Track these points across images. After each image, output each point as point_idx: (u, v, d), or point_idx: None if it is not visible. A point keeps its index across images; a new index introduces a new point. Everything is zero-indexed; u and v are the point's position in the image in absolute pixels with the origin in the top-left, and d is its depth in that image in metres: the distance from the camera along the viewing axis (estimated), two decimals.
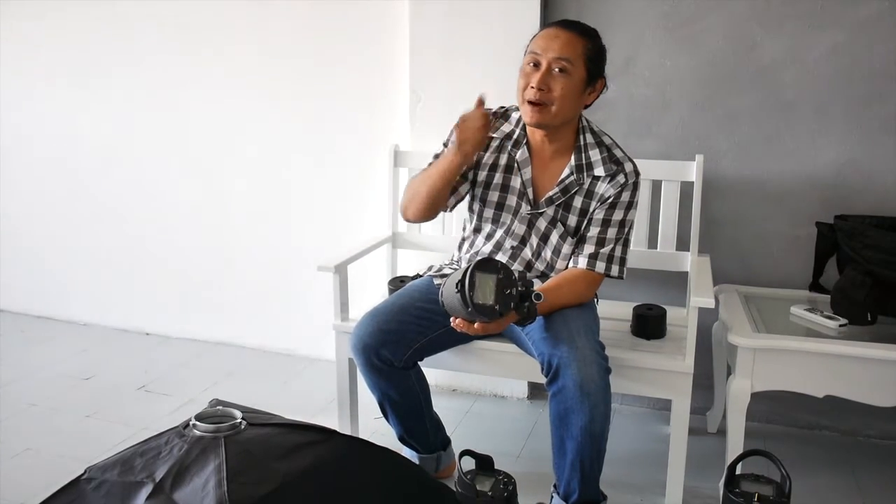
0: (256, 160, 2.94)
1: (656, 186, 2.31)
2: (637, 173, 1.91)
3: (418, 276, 2.19)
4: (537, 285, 1.85)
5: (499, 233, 1.99)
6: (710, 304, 1.87)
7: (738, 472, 1.79)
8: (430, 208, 1.96)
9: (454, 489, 1.71)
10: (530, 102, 1.82)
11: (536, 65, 1.82)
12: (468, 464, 1.81)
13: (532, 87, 1.81)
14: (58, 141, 3.23)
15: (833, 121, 2.28)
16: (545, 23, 2.30)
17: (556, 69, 1.80)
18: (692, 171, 2.26)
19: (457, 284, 1.65)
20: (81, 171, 3.22)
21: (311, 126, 2.83)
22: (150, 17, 2.94)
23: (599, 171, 1.89)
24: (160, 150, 3.07)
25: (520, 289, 1.68)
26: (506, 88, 1.97)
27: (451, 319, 1.75)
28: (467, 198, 2.04)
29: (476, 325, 1.71)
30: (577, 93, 1.83)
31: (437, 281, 2.04)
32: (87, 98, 3.13)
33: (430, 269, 2.17)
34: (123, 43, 3.01)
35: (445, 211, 2.03)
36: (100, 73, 3.08)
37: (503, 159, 1.97)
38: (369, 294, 2.39)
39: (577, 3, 2.40)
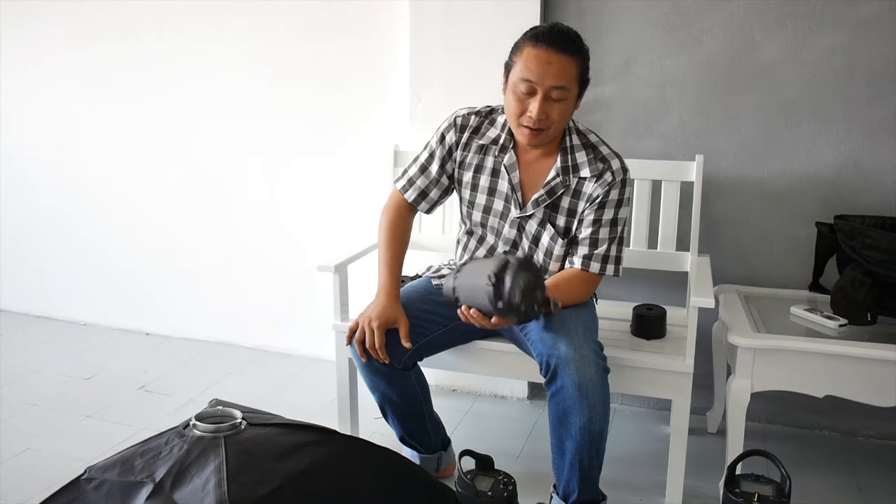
0: (256, 160, 2.94)
1: (656, 186, 2.31)
2: (625, 170, 1.89)
3: (417, 276, 2.19)
4: None
5: (490, 237, 1.99)
6: (710, 304, 1.87)
7: (738, 472, 1.79)
8: None
9: (454, 489, 1.71)
10: (527, 127, 1.80)
11: (531, 92, 1.77)
12: (468, 464, 1.81)
13: (530, 116, 1.77)
14: (58, 141, 3.23)
15: (833, 121, 2.28)
16: (545, 21, 2.29)
17: (553, 97, 1.76)
18: (692, 171, 2.26)
19: (489, 277, 1.58)
20: (81, 171, 3.22)
21: (310, 126, 2.83)
22: (150, 17, 2.95)
23: (585, 172, 1.87)
24: (160, 150, 3.08)
25: (544, 293, 1.63)
26: None
27: (460, 310, 1.71)
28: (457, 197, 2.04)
29: (493, 319, 1.68)
30: (571, 111, 1.83)
31: (435, 282, 2.04)
32: (87, 98, 3.13)
33: (428, 269, 2.17)
34: (124, 43, 3.01)
35: (425, 212, 2.06)
36: (100, 73, 3.08)
37: (489, 162, 1.95)
38: (369, 294, 2.39)
39: (577, 4, 2.40)
